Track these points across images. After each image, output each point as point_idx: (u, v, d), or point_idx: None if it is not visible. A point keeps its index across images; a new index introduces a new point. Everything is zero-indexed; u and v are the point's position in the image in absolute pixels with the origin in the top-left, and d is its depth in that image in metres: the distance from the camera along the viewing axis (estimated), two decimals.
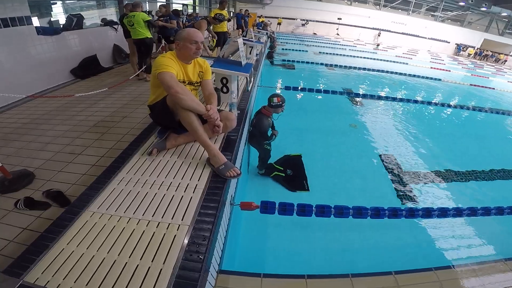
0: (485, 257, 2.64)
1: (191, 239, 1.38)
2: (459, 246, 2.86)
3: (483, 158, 4.81)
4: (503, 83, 13.48)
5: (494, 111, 7.61)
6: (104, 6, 7.79)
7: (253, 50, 6.72)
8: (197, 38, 2.00)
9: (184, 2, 13.24)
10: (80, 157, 2.40)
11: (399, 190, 3.62)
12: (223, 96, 3.07)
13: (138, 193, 1.67)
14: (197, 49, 2.02)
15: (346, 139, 5.01)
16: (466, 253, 2.78)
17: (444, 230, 3.03)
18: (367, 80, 9.80)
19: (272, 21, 22.17)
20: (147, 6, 9.60)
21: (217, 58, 3.39)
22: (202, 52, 2.14)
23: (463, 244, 2.90)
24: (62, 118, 3.20)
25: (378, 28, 25.11)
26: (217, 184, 1.78)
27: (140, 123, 2.93)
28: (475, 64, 20.37)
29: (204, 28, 5.18)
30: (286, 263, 2.47)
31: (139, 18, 4.51)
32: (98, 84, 4.70)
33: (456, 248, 2.83)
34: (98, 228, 1.42)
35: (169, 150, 2.13)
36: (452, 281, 2.17)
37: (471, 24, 25.03)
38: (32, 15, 4.33)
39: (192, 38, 1.98)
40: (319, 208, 2.45)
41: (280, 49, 13.23)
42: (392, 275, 2.09)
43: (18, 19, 3.99)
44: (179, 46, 2.03)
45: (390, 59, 14.89)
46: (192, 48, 2.00)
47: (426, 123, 6.28)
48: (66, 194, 1.92)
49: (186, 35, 1.99)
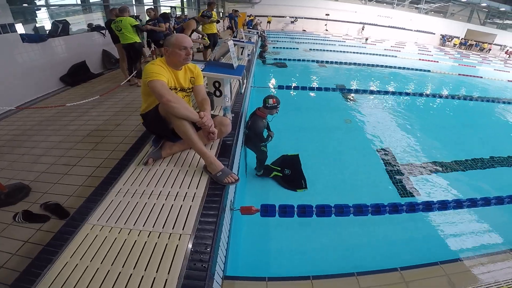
0: (492, 248, 2.65)
1: (194, 248, 1.39)
2: (463, 238, 2.86)
3: (479, 146, 4.91)
4: (489, 71, 13.74)
5: (484, 100, 7.80)
6: (90, 11, 7.65)
7: (245, 51, 6.73)
8: (186, 43, 1.96)
9: (172, 4, 13.09)
10: (76, 168, 2.37)
11: (397, 184, 3.64)
12: (216, 100, 3.04)
13: (137, 204, 1.67)
14: (186, 55, 1.98)
15: (342, 135, 5.05)
16: (471, 244, 2.77)
17: (446, 223, 3.03)
18: (358, 75, 9.88)
19: (262, 20, 22.25)
20: (134, 10, 9.46)
21: (208, 61, 3.36)
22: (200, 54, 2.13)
23: (468, 236, 2.90)
24: (54, 129, 3.14)
25: (365, 22, 25.38)
26: (216, 191, 1.78)
27: (134, 131, 2.89)
28: (461, 54, 20.75)
29: (192, 28, 5.18)
30: (290, 265, 2.46)
31: (126, 23, 4.46)
32: (89, 91, 4.63)
33: (460, 240, 2.83)
34: (100, 240, 1.42)
35: (165, 158, 2.11)
36: (460, 274, 2.16)
37: (454, 15, 25.67)
38: (16, 22, 4.22)
39: (181, 44, 1.94)
40: (320, 208, 2.46)
41: (271, 47, 13.24)
42: (398, 271, 2.09)
43: (1, 26, 3.89)
44: (168, 53, 1.98)
45: (379, 53, 15.04)
46: (181, 54, 1.96)
47: (419, 115, 6.36)
48: (64, 206, 1.91)
49: (175, 41, 1.95)
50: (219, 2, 21.47)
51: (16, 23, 4.24)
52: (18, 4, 5.41)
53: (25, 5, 5.81)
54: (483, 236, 2.90)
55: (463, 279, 2.14)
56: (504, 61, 20.12)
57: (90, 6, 7.54)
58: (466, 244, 2.78)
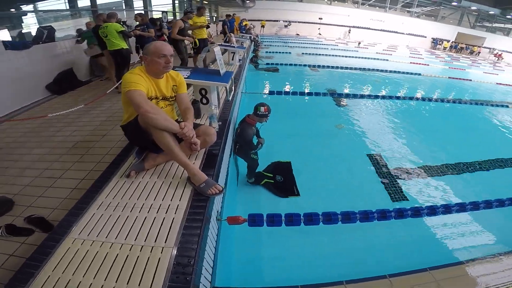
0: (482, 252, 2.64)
1: (176, 260, 1.38)
2: (452, 243, 2.86)
3: (469, 150, 4.96)
4: (479, 74, 14.03)
5: (473, 103, 7.99)
6: (79, 16, 7.51)
7: (236, 56, 6.72)
8: (166, 51, 1.91)
9: (164, 9, 13.10)
10: (60, 181, 2.33)
11: (389, 189, 3.65)
12: (203, 107, 3.00)
13: (119, 217, 1.65)
14: (166, 63, 1.92)
15: (333, 141, 5.06)
16: (461, 249, 2.77)
17: (435, 228, 3.03)
18: (350, 79, 9.97)
19: (255, 24, 22.39)
20: (124, 15, 9.40)
21: (194, 68, 3.33)
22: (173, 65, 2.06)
23: (457, 241, 2.90)
24: (39, 140, 3.08)
25: (358, 26, 25.72)
26: (200, 202, 1.76)
27: (120, 141, 2.84)
28: (451, 57, 21.15)
29: (179, 26, 5.24)
30: (280, 273, 2.44)
31: (112, 29, 4.42)
32: (75, 100, 4.56)
33: (450, 246, 2.83)
34: (82, 254, 1.42)
35: (149, 170, 2.08)
36: (450, 280, 2.15)
37: (445, 19, 26.31)
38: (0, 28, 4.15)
39: (160, 52, 1.89)
40: (307, 216, 2.47)
41: (264, 52, 13.30)
42: (387, 278, 2.09)
43: None
44: (147, 61, 1.93)
45: (371, 57, 15.27)
46: (160, 62, 1.90)
47: (410, 119, 6.42)
48: (49, 219, 1.89)
49: (153, 49, 1.90)
50: (212, 7, 21.58)
51: (0, 29, 4.14)
52: (4, 9, 5.26)
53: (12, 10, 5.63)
54: (473, 241, 2.91)
55: (453, 284, 2.13)
56: (493, 63, 20.58)
57: (79, 12, 7.42)
58: (456, 249, 2.78)
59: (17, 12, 5.76)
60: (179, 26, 5.28)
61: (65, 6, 7.08)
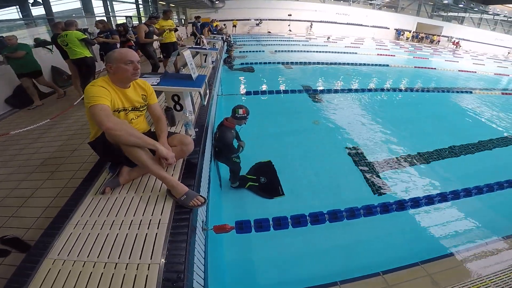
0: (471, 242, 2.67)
1: (165, 275, 1.34)
2: (440, 235, 2.85)
3: (442, 136, 5.19)
4: (441, 62, 14.93)
5: (440, 90, 8.48)
6: (34, 25, 7.16)
7: (208, 58, 6.63)
8: (133, 57, 1.82)
9: (127, 14, 12.61)
10: (31, 200, 2.20)
11: (370, 181, 3.72)
12: (177, 114, 2.89)
13: (98, 235, 1.58)
14: (134, 70, 1.83)
15: (311, 137, 5.13)
16: (450, 241, 2.76)
17: (421, 221, 3.05)
18: (323, 74, 10.19)
19: (227, 24, 22.24)
20: (85, 22, 8.96)
21: (164, 73, 3.20)
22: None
23: (444, 232, 2.89)
24: (2, 160, 2.87)
25: (326, 20, 26.40)
26: (182, 215, 1.71)
27: (92, 156, 2.70)
28: (414, 46, 22.32)
29: (144, 30, 5.15)
30: (273, 277, 2.42)
31: (73, 37, 4.20)
32: (40, 113, 4.27)
33: (437, 238, 2.82)
34: (64, 275, 1.35)
35: (125, 185, 1.99)
36: (442, 273, 2.17)
37: (404, 9, 27.65)
38: None
39: (127, 58, 1.79)
40: (295, 219, 2.47)
41: (238, 51, 13.24)
42: (380, 275, 2.10)
43: None
44: (112, 70, 1.81)
45: (341, 51, 15.73)
46: (128, 69, 1.80)
47: (384, 110, 6.64)
48: (24, 239, 1.81)
49: (118, 56, 1.80)
50: (179, 9, 21.12)
51: None
52: None
53: None
54: (460, 231, 2.90)
55: (446, 277, 2.14)
56: (452, 51, 21.97)
57: (34, 21, 7.05)
58: (444, 240, 2.77)
59: None
60: (144, 30, 5.16)
61: (18, 15, 6.70)
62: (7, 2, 6.51)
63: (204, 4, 20.33)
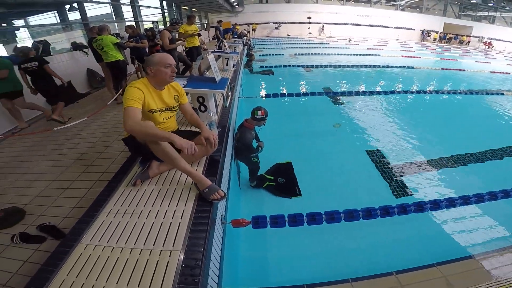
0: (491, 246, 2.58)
1: (184, 263, 1.44)
2: (459, 237, 2.79)
3: (470, 140, 4.93)
4: (471, 63, 14.15)
5: (469, 92, 8.02)
6: (71, 29, 7.62)
7: (230, 61, 6.81)
8: (171, 60, 2.00)
9: (153, 19, 13.19)
10: (68, 190, 2.43)
11: (391, 184, 3.64)
12: (201, 115, 3.06)
13: (128, 223, 1.72)
14: (172, 72, 2.01)
15: (332, 139, 5.08)
16: (468, 243, 2.70)
17: (440, 223, 2.97)
18: (344, 76, 10.05)
19: (247, 28, 22.57)
20: (116, 27, 9.46)
21: (190, 76, 3.40)
22: None
23: (464, 235, 2.82)
24: (44, 154, 3.17)
25: (347, 23, 25.96)
26: (204, 207, 1.83)
27: (123, 152, 2.92)
28: (442, 48, 21.34)
29: (167, 36, 5.32)
30: (286, 273, 2.46)
31: (108, 41, 4.48)
32: (77, 112, 4.65)
33: (456, 240, 2.75)
34: (94, 259, 1.48)
35: (153, 178, 2.15)
36: (459, 275, 2.11)
37: (429, 10, 26.59)
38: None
39: (166, 62, 1.97)
40: (310, 216, 2.50)
41: (258, 55, 13.40)
42: (393, 275, 2.06)
43: None
44: (152, 72, 1.98)
45: (363, 53, 15.39)
46: (167, 72, 1.98)
47: (408, 112, 6.43)
48: (60, 227, 1.98)
49: (159, 60, 1.97)
50: (201, 14, 21.72)
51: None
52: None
53: (4, 25, 5.71)
54: (480, 234, 2.82)
55: (462, 279, 2.09)
56: (484, 52, 20.80)
57: (71, 25, 7.51)
58: (463, 243, 2.71)
59: (10, 27, 5.85)
60: (167, 37, 5.35)
61: (56, 20, 7.19)
62: (46, 7, 6.98)
63: (225, 8, 20.77)
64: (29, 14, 6.45)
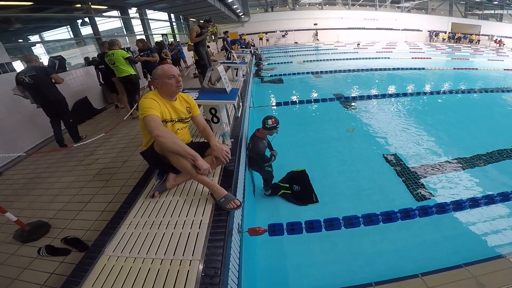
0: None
1: (204, 272, 1.47)
2: (486, 237, 2.71)
3: (488, 139, 4.80)
4: (483, 62, 13.85)
5: (484, 91, 7.84)
6: (84, 44, 7.71)
7: (239, 71, 6.91)
8: (173, 71, 2.05)
9: (163, 32, 13.59)
10: (90, 204, 2.52)
11: (410, 187, 3.57)
12: (214, 126, 3.11)
13: (148, 234, 1.77)
14: (177, 83, 2.06)
15: (346, 144, 5.02)
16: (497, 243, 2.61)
17: (465, 223, 2.90)
18: (355, 81, 10.01)
19: (254, 38, 22.91)
20: (127, 41, 9.65)
21: (202, 88, 3.48)
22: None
23: (491, 234, 2.74)
24: (65, 170, 3.31)
25: (353, 27, 25.94)
26: (221, 216, 1.87)
27: (141, 166, 3.02)
28: (452, 47, 20.94)
29: (196, 31, 5.24)
30: (307, 280, 2.44)
31: (119, 56, 4.49)
32: (94, 128, 4.81)
33: (484, 240, 2.68)
34: (117, 270, 1.53)
35: (171, 190, 2.22)
36: (490, 275, 2.05)
37: (435, 10, 26.25)
38: (12, 60, 4.19)
39: (169, 73, 2.03)
40: (328, 222, 2.50)
41: (266, 64, 13.53)
42: (419, 277, 2.03)
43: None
44: (159, 85, 2.05)
45: (372, 56, 15.33)
46: (171, 83, 2.03)
47: (421, 114, 6.33)
48: (83, 239, 2.06)
49: (161, 72, 2.03)
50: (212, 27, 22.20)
51: (13, 61, 4.23)
52: (13, 41, 5.35)
53: (20, 41, 5.74)
54: (509, 233, 2.73)
55: (494, 279, 2.02)
56: (495, 50, 20.27)
57: (84, 40, 7.62)
58: (491, 243, 2.64)
59: (26, 43, 5.94)
60: (196, 31, 5.28)
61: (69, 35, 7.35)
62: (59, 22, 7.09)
63: (231, 19, 21.19)
64: (42, 30, 6.55)
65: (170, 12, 13.68)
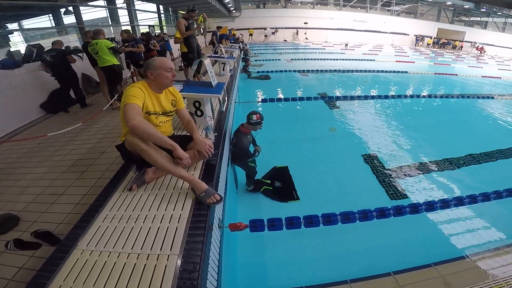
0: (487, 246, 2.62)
1: (182, 267, 1.43)
2: (455, 238, 2.83)
3: (462, 143, 5.05)
4: (464, 68, 14.46)
5: (461, 96, 8.23)
6: (66, 33, 7.52)
7: (226, 66, 6.85)
8: (172, 65, 2.02)
9: (150, 23, 13.24)
10: (63, 197, 2.40)
11: (386, 187, 3.70)
12: (197, 119, 3.05)
13: (124, 228, 1.71)
14: (173, 76, 2.02)
15: (328, 144, 5.13)
16: (465, 243, 2.73)
17: (436, 223, 3.03)
18: (340, 81, 10.19)
19: (243, 33, 22.73)
20: (111, 31, 9.41)
21: (187, 81, 3.41)
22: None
23: (459, 235, 2.87)
24: (38, 160, 3.14)
25: (343, 28, 26.32)
26: (201, 211, 1.83)
27: (119, 157, 2.84)
28: (435, 52, 21.71)
29: (183, 24, 5.06)
30: (285, 276, 2.47)
31: (103, 45, 4.42)
32: (71, 118, 4.61)
33: (452, 240, 2.80)
34: (90, 264, 1.46)
35: (150, 183, 2.15)
36: (456, 274, 2.14)
37: (423, 15, 27.10)
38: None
39: (167, 66, 1.98)
40: (307, 219, 2.53)
41: (254, 60, 13.49)
42: (391, 275, 2.10)
43: None
44: (153, 76, 1.97)
45: (359, 58, 15.61)
46: (168, 76, 1.99)
47: (402, 117, 6.55)
48: (55, 233, 1.96)
49: (160, 64, 1.97)
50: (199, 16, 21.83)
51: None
52: None
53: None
54: (475, 234, 2.88)
55: (459, 279, 2.12)
56: (476, 57, 21.20)
57: (66, 29, 7.42)
58: (459, 243, 2.76)
59: (3, 30, 5.72)
60: (184, 24, 5.09)
61: (50, 24, 7.11)
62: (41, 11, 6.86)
63: (222, 13, 20.93)
64: (23, 18, 6.33)
65: (159, 3, 13.31)
